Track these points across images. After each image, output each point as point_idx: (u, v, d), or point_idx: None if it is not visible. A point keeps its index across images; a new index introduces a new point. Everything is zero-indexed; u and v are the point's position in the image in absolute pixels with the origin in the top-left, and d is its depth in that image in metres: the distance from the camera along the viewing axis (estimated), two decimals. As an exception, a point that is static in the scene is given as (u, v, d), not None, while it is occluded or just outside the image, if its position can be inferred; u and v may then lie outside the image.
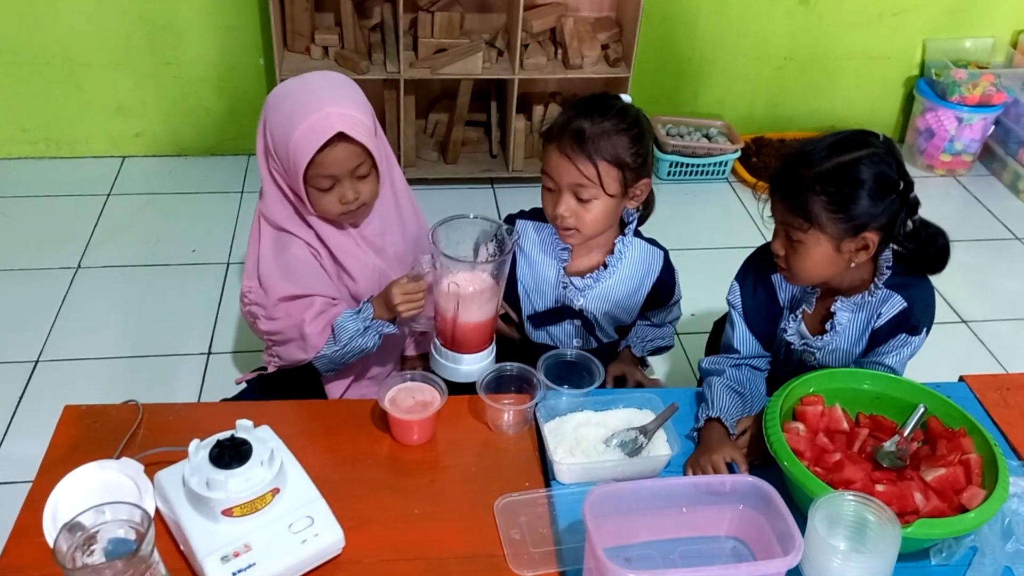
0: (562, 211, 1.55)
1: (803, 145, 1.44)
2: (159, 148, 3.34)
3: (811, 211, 1.38)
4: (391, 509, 1.30)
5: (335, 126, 1.47)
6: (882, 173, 1.38)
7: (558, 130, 1.53)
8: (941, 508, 1.25)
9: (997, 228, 3.27)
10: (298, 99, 1.51)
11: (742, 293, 1.61)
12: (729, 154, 3.36)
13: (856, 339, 1.55)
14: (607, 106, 1.55)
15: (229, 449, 1.16)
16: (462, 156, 3.28)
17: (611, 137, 1.51)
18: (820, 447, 1.35)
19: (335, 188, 1.54)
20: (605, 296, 1.70)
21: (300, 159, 1.48)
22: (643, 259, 1.71)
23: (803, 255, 1.44)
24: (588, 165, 1.51)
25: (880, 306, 1.51)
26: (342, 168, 1.52)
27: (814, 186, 1.37)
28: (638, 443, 1.39)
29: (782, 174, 1.43)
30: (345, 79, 1.59)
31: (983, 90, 3.33)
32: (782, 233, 1.46)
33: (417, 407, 1.41)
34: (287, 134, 1.48)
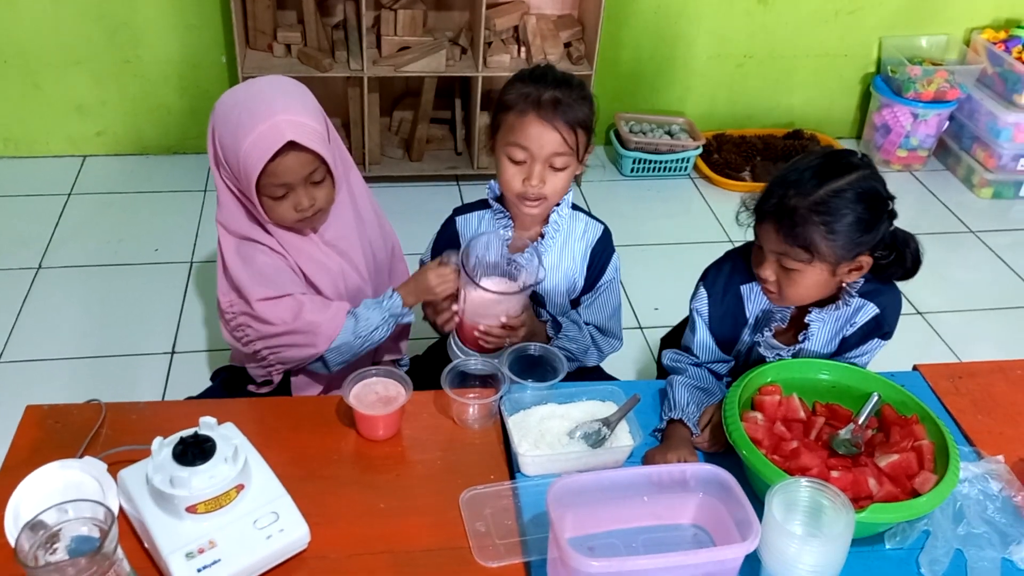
0: (535, 182, 1.56)
1: (788, 173, 1.41)
2: (120, 147, 3.30)
3: (811, 242, 1.35)
4: (357, 504, 1.31)
5: (285, 135, 1.44)
6: (876, 196, 1.39)
7: (532, 102, 1.53)
8: (894, 493, 1.28)
9: (952, 221, 3.34)
10: (246, 107, 1.47)
11: (709, 302, 1.58)
12: (691, 151, 3.39)
13: (826, 344, 1.56)
14: (563, 76, 1.58)
15: (193, 446, 1.16)
16: (427, 154, 3.29)
17: (581, 104, 1.55)
18: (778, 435, 1.38)
19: (289, 196, 1.51)
20: (551, 269, 1.69)
21: (251, 169, 1.45)
22: (580, 228, 1.71)
23: (798, 282, 1.42)
24: (570, 132, 1.54)
25: (854, 315, 1.52)
26: (295, 176, 1.49)
27: (811, 217, 1.35)
28: (601, 434, 1.41)
29: (774, 204, 1.39)
30: (295, 84, 1.55)
31: (937, 86, 3.40)
32: (773, 260, 1.42)
33: (382, 402, 1.41)
34: (237, 144, 1.46)
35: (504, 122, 1.57)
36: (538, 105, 1.52)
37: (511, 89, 1.57)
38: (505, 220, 1.67)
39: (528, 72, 1.59)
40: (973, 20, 3.58)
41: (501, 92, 1.60)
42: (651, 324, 2.61)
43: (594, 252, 1.71)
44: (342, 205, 1.64)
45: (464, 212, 1.73)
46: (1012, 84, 3.35)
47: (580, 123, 1.55)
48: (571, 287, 1.73)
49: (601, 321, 1.76)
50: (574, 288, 1.73)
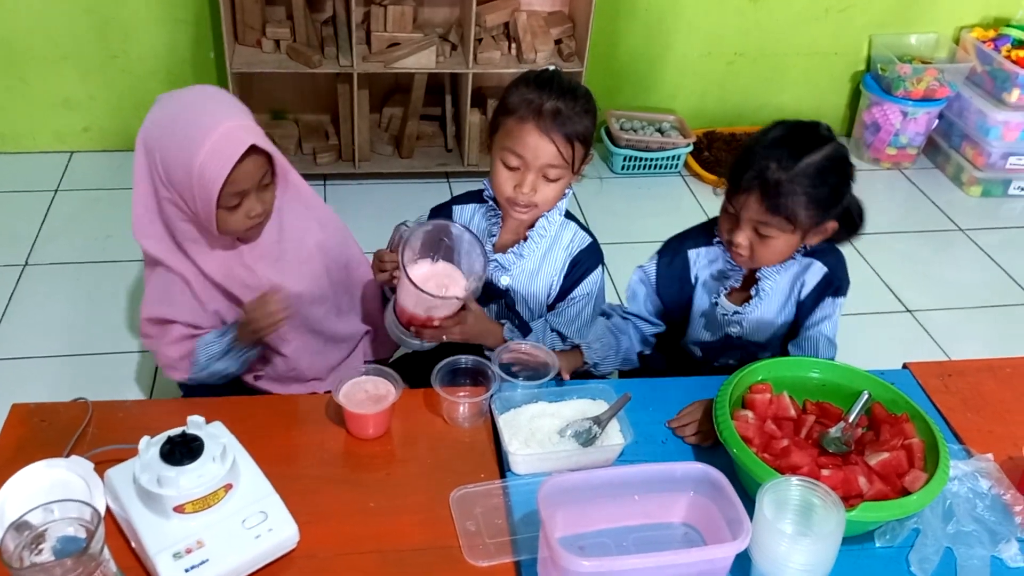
0: (527, 190, 1.54)
1: (760, 145, 1.47)
2: (107, 143, 3.28)
3: (793, 212, 1.44)
4: (346, 503, 1.30)
5: (244, 139, 1.41)
6: (847, 166, 1.49)
7: (533, 110, 1.50)
8: (884, 491, 1.28)
9: (941, 220, 3.35)
10: (188, 120, 1.42)
11: (658, 263, 1.71)
12: (681, 148, 3.39)
13: (780, 307, 1.63)
14: (569, 86, 1.54)
15: (180, 446, 1.15)
16: (417, 150, 3.27)
17: (582, 117, 1.53)
18: (768, 434, 1.38)
19: (243, 203, 1.48)
20: (529, 274, 1.67)
21: (212, 181, 1.40)
22: (567, 238, 1.68)
23: (771, 247, 1.50)
24: (567, 145, 1.52)
25: (803, 274, 1.60)
26: (252, 181, 1.46)
27: (795, 188, 1.42)
28: (592, 433, 1.41)
29: (755, 176, 1.44)
30: (221, 90, 1.54)
31: (927, 85, 3.41)
32: (749, 228, 1.49)
33: (372, 401, 1.41)
34: (189, 160, 1.40)
35: (503, 125, 1.55)
36: (538, 114, 1.50)
37: (515, 92, 1.55)
38: (495, 218, 1.66)
39: (534, 76, 1.56)
40: (963, 18, 3.59)
41: (505, 92, 1.57)
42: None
43: (574, 262, 1.67)
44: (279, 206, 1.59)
45: (461, 202, 1.72)
46: (1001, 82, 3.36)
47: (578, 136, 1.53)
48: (549, 295, 1.71)
49: (566, 332, 1.70)
50: (551, 296, 1.71)
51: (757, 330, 1.69)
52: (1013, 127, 3.36)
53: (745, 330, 1.69)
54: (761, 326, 1.68)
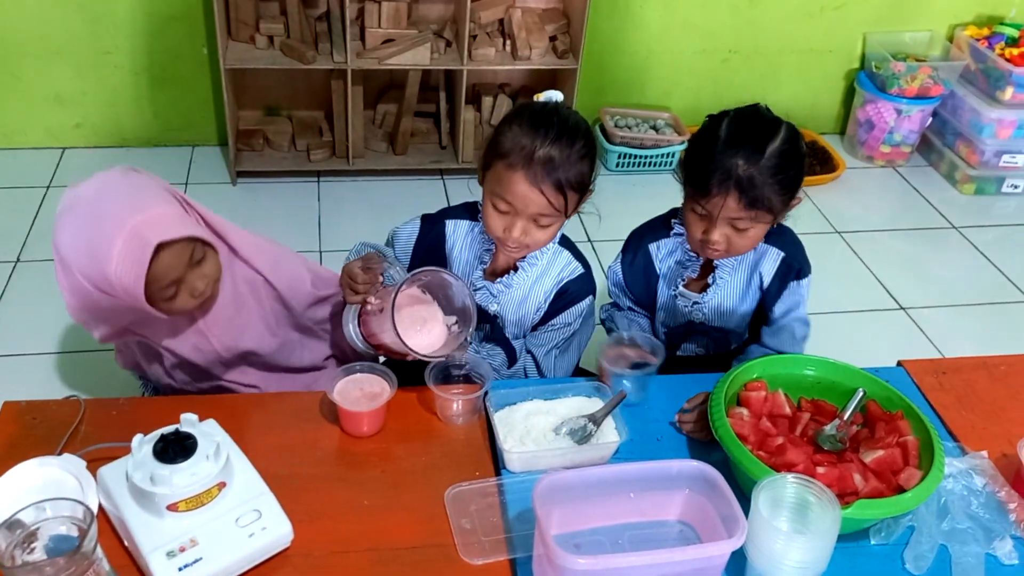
0: (517, 235, 1.48)
1: (716, 142, 1.47)
2: (100, 139, 3.27)
3: (770, 201, 1.46)
4: (341, 501, 1.30)
5: (150, 240, 1.29)
6: (800, 138, 1.52)
7: (524, 158, 1.42)
8: (880, 489, 1.28)
9: (935, 217, 3.36)
10: (92, 230, 1.31)
11: (623, 261, 1.74)
12: (676, 145, 3.39)
13: (741, 293, 1.66)
14: (567, 128, 1.45)
15: (173, 443, 1.14)
16: (411, 147, 3.26)
17: (577, 163, 1.45)
18: (764, 431, 1.38)
19: (181, 288, 1.39)
20: (518, 301, 1.63)
21: (132, 288, 1.31)
22: (559, 265, 1.62)
23: (749, 237, 1.53)
24: (558, 196, 1.45)
25: (759, 259, 1.63)
26: (179, 268, 1.36)
27: (768, 180, 1.44)
28: (587, 431, 1.40)
29: (724, 176, 1.45)
30: (121, 174, 1.38)
31: (921, 82, 3.41)
32: (726, 225, 1.50)
33: (366, 398, 1.40)
34: (102, 271, 1.30)
35: (493, 168, 1.47)
36: (528, 162, 1.41)
37: (508, 132, 1.45)
38: (488, 244, 1.61)
39: (530, 114, 1.46)
40: (956, 16, 3.60)
41: (499, 127, 1.49)
42: (636, 319, 2.61)
43: (561, 290, 1.62)
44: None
45: (455, 216, 1.64)
46: (995, 81, 3.36)
47: (572, 184, 1.45)
48: (534, 319, 1.67)
49: (537, 356, 1.67)
50: (535, 320, 1.67)
51: (719, 316, 1.71)
52: (1006, 125, 3.37)
53: (708, 316, 1.71)
54: (722, 312, 1.70)
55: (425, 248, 1.63)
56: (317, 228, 2.96)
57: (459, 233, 1.63)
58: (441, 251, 1.63)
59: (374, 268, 1.45)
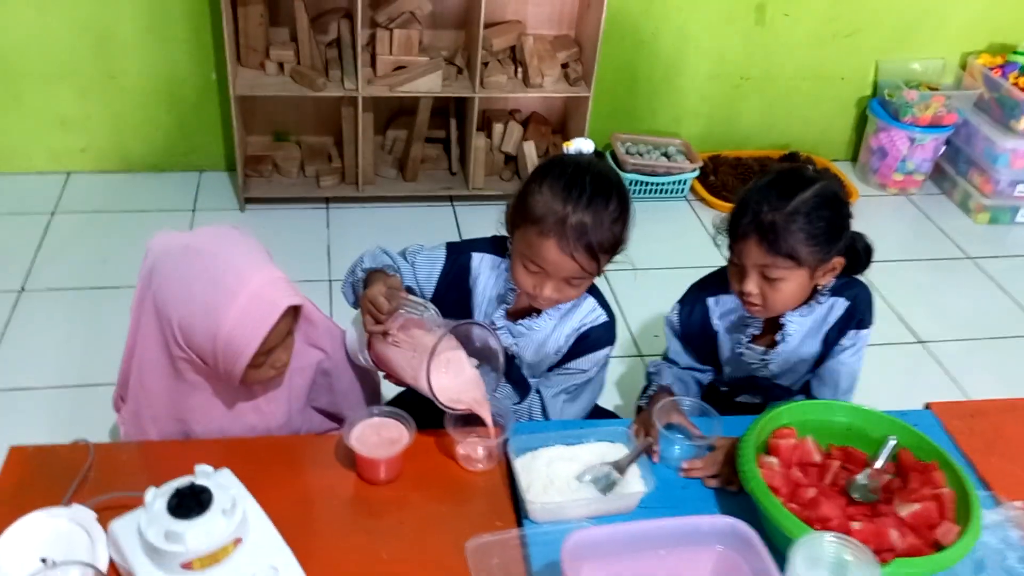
0: (549, 294, 1.45)
1: (752, 193, 1.49)
2: (105, 164, 3.23)
3: (793, 249, 1.44)
4: (358, 553, 1.25)
5: (277, 301, 1.28)
6: (841, 201, 1.50)
7: (556, 224, 1.37)
8: (917, 545, 1.24)
9: (948, 247, 3.33)
10: (210, 280, 1.26)
11: (680, 312, 1.70)
12: (688, 173, 3.37)
13: (809, 343, 1.62)
14: (601, 188, 1.39)
15: (188, 498, 1.11)
16: (421, 173, 3.24)
17: (611, 227, 1.41)
18: (794, 481, 1.34)
19: (269, 357, 1.35)
20: (538, 343, 1.59)
21: (242, 349, 1.27)
22: (582, 312, 1.58)
23: (781, 290, 1.49)
24: (591, 261, 1.41)
25: (827, 313, 1.60)
26: (280, 338, 1.34)
27: (791, 226, 1.43)
28: (611, 479, 1.37)
29: (750, 221, 1.46)
30: (233, 229, 1.36)
31: (935, 111, 3.39)
32: (756, 274, 1.49)
33: (384, 444, 1.36)
34: (213, 327, 1.26)
35: (522, 230, 1.42)
36: (561, 229, 1.36)
37: (538, 194, 1.39)
38: (512, 285, 1.54)
39: (561, 174, 1.40)
40: (969, 44, 3.58)
41: (527, 187, 1.42)
42: (653, 352, 2.57)
43: (582, 336, 1.58)
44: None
45: (482, 250, 1.58)
46: (1009, 110, 3.35)
47: (605, 248, 1.42)
48: (555, 362, 1.63)
49: (545, 398, 1.63)
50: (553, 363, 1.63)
51: (786, 372, 1.68)
52: (1021, 155, 3.34)
53: (773, 371, 1.68)
54: (790, 368, 1.67)
55: (449, 280, 1.58)
56: (327, 255, 2.92)
57: (484, 268, 1.58)
58: (464, 284, 1.59)
59: (400, 300, 1.40)
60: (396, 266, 1.55)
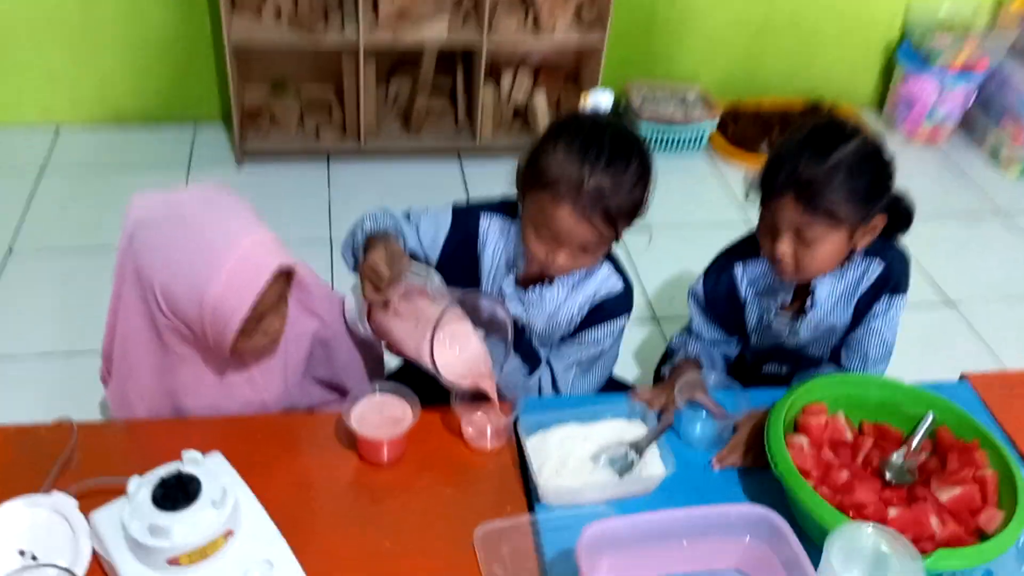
0: (562, 262, 1.37)
1: (787, 147, 1.40)
2: (96, 116, 3.15)
3: (833, 207, 1.35)
4: (359, 543, 1.19)
5: (267, 262, 1.21)
6: (883, 156, 1.41)
7: (571, 189, 1.28)
8: (958, 533, 1.17)
9: (978, 201, 3.22)
10: (194, 242, 1.20)
11: (705, 282, 1.63)
12: (706, 122, 3.26)
13: (841, 310, 1.54)
14: (620, 149, 1.31)
15: (174, 488, 1.04)
16: (427, 126, 3.14)
17: (631, 191, 1.32)
18: (826, 462, 1.27)
19: (261, 324, 1.28)
20: (550, 313, 1.51)
21: (231, 314, 1.20)
22: (597, 279, 1.50)
23: (818, 253, 1.40)
24: (608, 228, 1.32)
25: (860, 277, 1.52)
26: (272, 303, 1.27)
27: (831, 182, 1.34)
28: (629, 460, 1.30)
29: (787, 177, 1.37)
30: (219, 189, 1.28)
31: (967, 56, 3.25)
32: (790, 235, 1.40)
33: (387, 424, 1.29)
34: (199, 292, 1.19)
35: (534, 193, 1.34)
36: (577, 195, 1.28)
37: (552, 154, 1.31)
38: (523, 249, 1.45)
39: (578, 134, 1.31)
40: (1005, -15, 3.42)
41: (540, 147, 1.34)
42: (668, 314, 2.49)
43: (596, 306, 1.50)
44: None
45: (491, 211, 1.50)
46: (1047, 54, 3.21)
47: (624, 213, 1.33)
48: (565, 332, 1.55)
49: (556, 370, 1.56)
50: (566, 333, 1.56)
51: (816, 340, 1.60)
52: (1058, 102, 3.21)
53: (802, 340, 1.60)
54: (820, 337, 1.59)
55: (455, 244, 1.50)
56: (327, 214, 2.84)
57: (492, 232, 1.50)
58: (472, 249, 1.51)
59: (402, 267, 1.32)
60: (399, 229, 1.47)
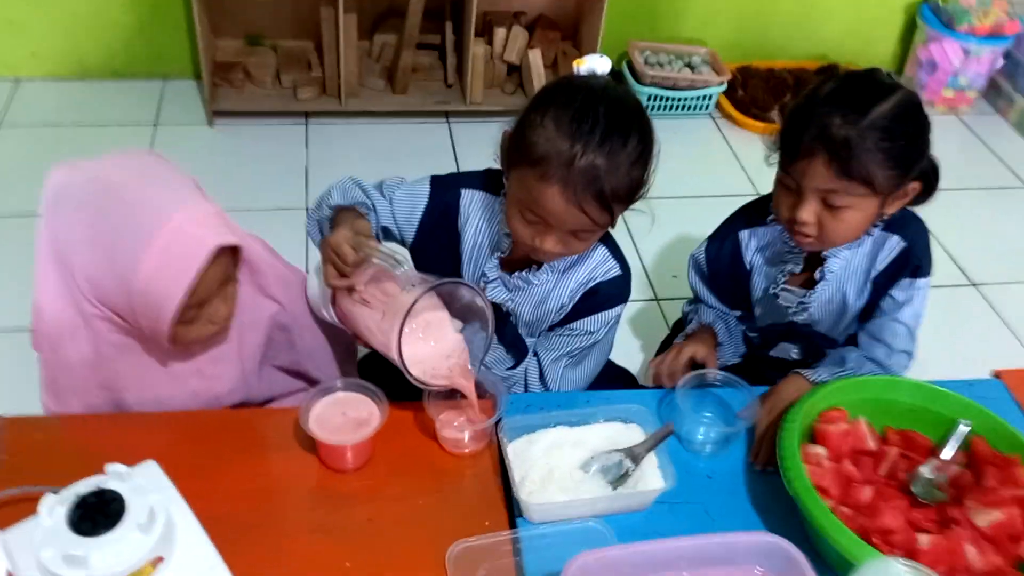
0: (550, 248, 1.24)
1: (815, 101, 1.28)
2: (59, 69, 3.04)
3: (869, 172, 1.24)
4: (319, 564, 1.08)
5: (205, 241, 1.08)
6: (922, 114, 1.30)
7: (561, 168, 1.15)
8: (997, 564, 1.05)
9: (1001, 172, 3.10)
10: (120, 218, 1.07)
11: (708, 249, 1.56)
12: (714, 87, 3.14)
13: (857, 290, 1.44)
14: (618, 122, 1.17)
15: (94, 508, 0.91)
16: (413, 85, 3.02)
17: (629, 170, 1.18)
18: (846, 476, 1.16)
19: (203, 310, 1.16)
20: (537, 299, 1.39)
21: (164, 301, 1.07)
22: (591, 264, 1.38)
23: (845, 221, 1.30)
24: (603, 213, 1.19)
25: (877, 250, 1.42)
26: (214, 286, 1.15)
27: (867, 144, 1.23)
28: (623, 469, 1.18)
29: (816, 136, 1.25)
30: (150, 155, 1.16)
31: (995, 19, 3.10)
32: (816, 200, 1.29)
33: (351, 426, 1.18)
34: (126, 277, 1.07)
35: (520, 170, 1.20)
36: (567, 174, 1.14)
37: (540, 127, 1.17)
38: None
39: (570, 104, 1.16)
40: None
41: (526, 117, 1.20)
42: (670, 295, 2.36)
43: (591, 291, 1.38)
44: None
45: (472, 186, 1.38)
46: (1081, 18, 3.05)
47: (622, 196, 1.20)
48: (554, 320, 1.43)
49: (544, 362, 1.44)
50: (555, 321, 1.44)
51: (828, 317, 1.49)
52: (1091, 69, 3.07)
53: (813, 317, 1.49)
54: (831, 313, 1.48)
55: (433, 221, 1.38)
56: (304, 178, 2.72)
57: (475, 208, 1.37)
58: (452, 226, 1.39)
59: (368, 251, 1.19)
60: (370, 203, 1.35)
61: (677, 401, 1.27)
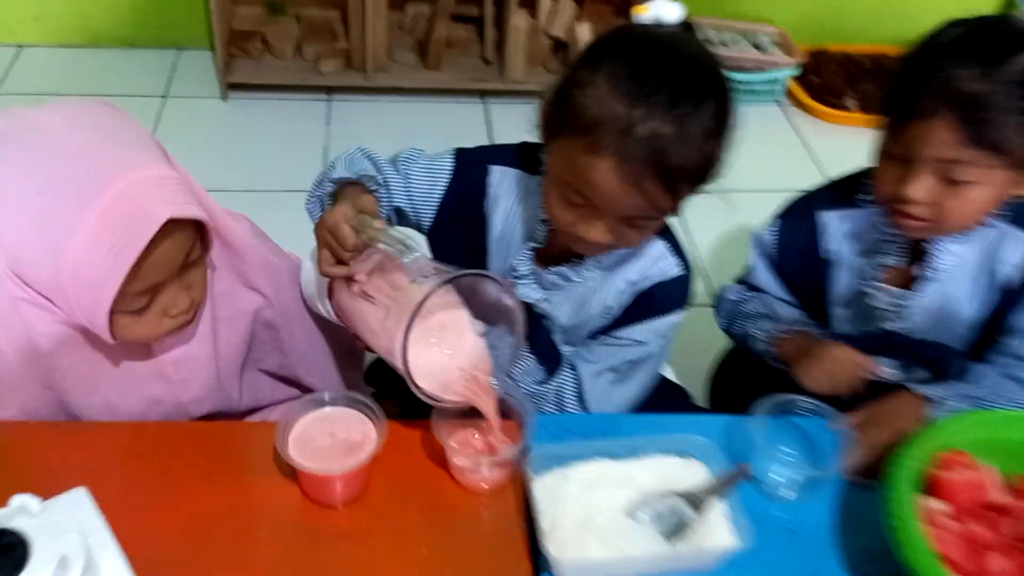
0: (597, 237, 1.08)
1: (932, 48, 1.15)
2: (64, 36, 2.99)
3: (1005, 140, 1.10)
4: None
5: (155, 213, 0.93)
6: None
7: (616, 137, 0.99)
8: None
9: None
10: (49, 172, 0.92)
11: (780, 229, 1.40)
12: (784, 69, 3.05)
13: (970, 291, 1.29)
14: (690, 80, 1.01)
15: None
16: (447, 60, 2.94)
17: (702, 142, 1.01)
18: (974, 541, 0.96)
19: (156, 300, 1.01)
20: (578, 301, 1.24)
21: (103, 279, 0.93)
22: (647, 261, 1.23)
23: (969, 199, 1.15)
24: (666, 195, 1.03)
25: (998, 247, 1.27)
26: (170, 268, 1.00)
27: (1004, 102, 1.08)
28: (681, 518, 1.00)
29: (938, 92, 1.10)
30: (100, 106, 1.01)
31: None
32: (932, 173, 1.15)
33: (340, 450, 1.01)
34: (55, 250, 0.92)
35: (564, 140, 1.05)
36: (623, 145, 0.98)
37: (590, 86, 1.02)
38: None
39: (630, 59, 1.01)
40: None
41: (575, 75, 1.05)
42: (725, 303, 2.18)
43: (642, 295, 1.22)
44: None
45: (501, 162, 1.25)
46: None
47: (692, 176, 1.04)
48: (601, 328, 1.28)
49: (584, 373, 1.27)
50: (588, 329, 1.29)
51: (932, 326, 1.32)
52: None
53: (913, 324, 1.31)
54: (938, 320, 1.31)
55: (456, 202, 1.24)
56: (323, 158, 2.63)
57: (505, 188, 1.24)
58: (478, 210, 1.25)
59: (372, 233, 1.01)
60: (381, 178, 1.21)
61: (750, 432, 1.07)
